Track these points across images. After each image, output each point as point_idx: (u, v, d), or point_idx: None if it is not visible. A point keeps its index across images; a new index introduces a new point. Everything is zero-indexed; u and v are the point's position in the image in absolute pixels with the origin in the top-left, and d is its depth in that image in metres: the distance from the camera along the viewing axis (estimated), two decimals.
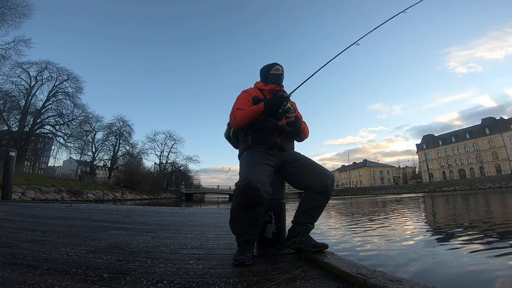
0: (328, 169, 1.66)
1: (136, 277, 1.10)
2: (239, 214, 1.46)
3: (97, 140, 34.85)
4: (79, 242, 1.81)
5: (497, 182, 34.93)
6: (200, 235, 2.35)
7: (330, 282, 1.08)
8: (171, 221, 3.49)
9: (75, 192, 20.41)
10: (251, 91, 1.81)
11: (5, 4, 21.13)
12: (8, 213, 3.49)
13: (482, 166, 52.50)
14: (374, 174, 77.54)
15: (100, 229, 2.49)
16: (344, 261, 1.28)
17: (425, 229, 4.73)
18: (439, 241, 3.44)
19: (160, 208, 7.17)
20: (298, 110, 1.95)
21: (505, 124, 51.97)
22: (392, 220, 6.13)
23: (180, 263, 1.35)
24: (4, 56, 22.92)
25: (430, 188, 41.09)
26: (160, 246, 1.77)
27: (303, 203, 1.63)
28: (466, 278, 1.95)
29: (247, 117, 1.63)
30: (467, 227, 4.52)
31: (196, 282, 1.07)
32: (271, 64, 1.89)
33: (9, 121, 24.86)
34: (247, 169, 1.51)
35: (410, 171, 78.11)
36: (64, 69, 27.43)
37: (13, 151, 6.97)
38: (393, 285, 0.91)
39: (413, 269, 2.21)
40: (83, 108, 29.32)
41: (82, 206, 6.05)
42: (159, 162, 43.87)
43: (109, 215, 3.94)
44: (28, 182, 17.48)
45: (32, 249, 1.51)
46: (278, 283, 1.07)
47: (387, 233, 4.12)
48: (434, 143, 64.93)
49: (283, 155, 1.71)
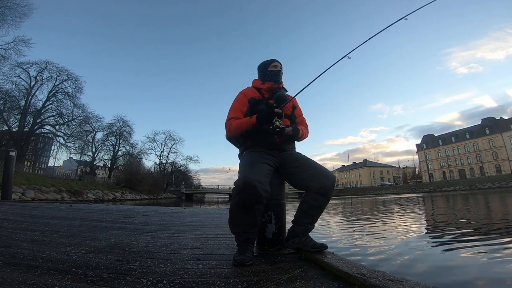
0: (328, 170, 1.66)
1: (136, 277, 1.10)
2: (237, 213, 1.46)
3: (97, 140, 34.91)
4: (79, 242, 1.81)
5: (497, 182, 34.93)
6: (200, 235, 2.35)
7: (330, 282, 1.08)
8: (171, 221, 3.49)
9: (75, 192, 20.41)
10: (248, 92, 1.80)
11: (5, 4, 21.16)
12: (8, 213, 3.49)
13: (482, 166, 52.49)
14: (374, 174, 77.54)
15: (100, 229, 2.49)
16: (344, 261, 1.28)
17: (425, 229, 4.73)
18: (439, 241, 3.44)
19: (160, 208, 7.17)
20: (298, 105, 1.93)
21: (505, 124, 51.97)
22: (392, 220, 6.13)
23: (180, 263, 1.35)
24: (4, 56, 22.96)
25: (430, 188, 41.09)
26: (160, 246, 1.77)
27: (303, 204, 1.62)
28: (466, 278, 1.95)
29: (240, 129, 1.67)
30: (467, 227, 4.52)
31: (196, 282, 1.07)
32: (269, 60, 1.86)
33: (9, 121, 24.86)
34: (245, 168, 1.52)
35: (410, 171, 78.11)
36: (64, 69, 27.49)
37: (13, 151, 6.96)
38: (393, 285, 0.91)
39: (413, 269, 2.21)
40: (83, 108, 29.37)
41: (82, 206, 6.05)
42: (159, 162, 43.92)
43: (109, 215, 3.94)
44: (28, 182, 17.48)
45: (32, 249, 1.51)
46: (278, 283, 1.07)
47: (387, 233, 4.12)
48: (434, 143, 64.93)
49: (284, 155, 1.71)
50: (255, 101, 1.76)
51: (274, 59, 1.86)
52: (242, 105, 1.75)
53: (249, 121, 1.65)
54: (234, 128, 1.68)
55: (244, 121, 1.67)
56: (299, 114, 1.91)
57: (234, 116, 1.72)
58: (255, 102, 1.76)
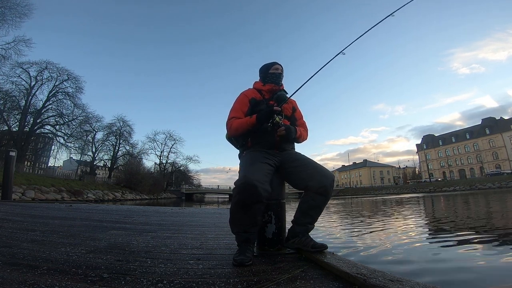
0: (328, 169, 1.66)
1: (136, 277, 1.10)
2: (237, 213, 1.47)
3: (97, 140, 34.89)
4: (79, 242, 1.81)
5: (497, 182, 34.88)
6: (200, 235, 2.35)
7: (330, 282, 1.08)
8: (171, 221, 3.49)
9: (75, 192, 20.42)
10: (248, 93, 1.83)
11: (5, 4, 21.17)
12: (8, 213, 3.49)
13: (482, 166, 52.48)
14: (374, 174, 77.53)
15: (100, 229, 2.49)
16: (344, 261, 1.28)
17: (425, 229, 4.72)
18: (440, 241, 3.44)
19: (160, 208, 7.17)
20: (298, 108, 1.96)
21: (505, 124, 51.97)
22: (392, 220, 6.13)
23: (180, 263, 1.35)
24: (4, 56, 22.97)
25: (430, 188, 41.04)
26: (160, 246, 1.77)
27: (303, 204, 1.63)
28: (467, 278, 1.95)
29: (241, 128, 1.69)
30: (467, 227, 4.52)
31: (196, 282, 1.07)
32: (271, 63, 1.89)
33: (9, 121, 24.86)
34: (245, 168, 1.53)
35: (410, 171, 78.08)
36: (64, 69, 27.49)
37: (13, 151, 6.97)
38: (393, 285, 0.91)
39: (413, 269, 2.20)
40: (83, 108, 29.36)
41: (82, 206, 6.05)
42: (159, 162, 43.93)
43: (109, 215, 3.94)
44: (28, 182, 17.48)
45: (32, 249, 1.51)
46: (278, 283, 1.07)
47: (387, 233, 4.12)
48: (434, 143, 64.93)
49: (283, 155, 1.72)
50: (256, 102, 1.78)
51: (275, 62, 1.90)
52: (243, 105, 1.78)
53: (250, 120, 1.67)
54: (235, 127, 1.71)
55: (244, 121, 1.69)
56: (300, 117, 1.93)
57: (235, 116, 1.74)
58: (256, 102, 1.78)
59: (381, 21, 1.75)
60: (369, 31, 1.75)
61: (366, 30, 1.76)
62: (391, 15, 1.77)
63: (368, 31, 1.76)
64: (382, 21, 1.75)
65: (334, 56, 1.74)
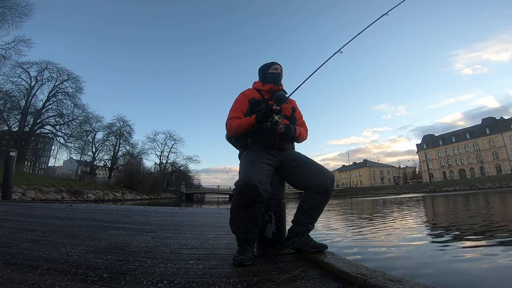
0: (328, 169, 1.66)
1: (136, 277, 1.10)
2: (238, 213, 1.47)
3: (97, 140, 34.97)
4: (79, 242, 1.81)
5: (497, 182, 34.89)
6: (200, 235, 2.35)
7: (330, 282, 1.08)
8: (171, 221, 3.49)
9: (75, 192, 20.43)
10: (248, 93, 1.84)
11: (5, 4, 21.16)
12: (8, 213, 3.49)
13: (482, 166, 52.44)
14: (374, 174, 77.46)
15: (100, 229, 2.49)
16: (344, 261, 1.28)
17: (426, 229, 4.72)
18: (440, 241, 3.44)
19: (160, 208, 7.17)
20: (298, 108, 1.96)
21: (505, 124, 51.91)
22: (392, 220, 6.12)
23: (180, 263, 1.35)
24: (4, 56, 22.97)
25: (430, 188, 41.06)
26: (160, 246, 1.77)
27: (303, 203, 1.63)
28: (467, 278, 1.95)
29: (241, 128, 1.69)
30: (467, 227, 4.51)
31: (196, 282, 1.07)
32: (270, 63, 1.89)
33: (9, 121, 24.87)
34: (246, 168, 1.53)
35: (410, 171, 78.03)
36: (64, 69, 27.52)
37: (13, 151, 6.97)
38: (393, 285, 0.91)
39: (413, 269, 2.20)
40: (83, 108, 29.43)
41: (82, 206, 6.05)
42: (159, 162, 43.93)
43: (109, 215, 3.94)
44: (28, 182, 17.49)
45: (32, 249, 1.51)
46: (278, 283, 1.07)
47: (387, 233, 4.12)
48: (434, 143, 64.86)
49: (283, 155, 1.72)
50: (255, 102, 1.79)
51: (274, 62, 1.90)
52: (242, 105, 1.78)
53: (249, 120, 1.67)
54: (235, 127, 1.71)
55: (244, 121, 1.69)
56: (299, 117, 1.94)
57: (235, 116, 1.75)
58: (255, 102, 1.79)
59: (375, 21, 1.80)
60: (368, 31, 1.80)
61: (362, 29, 1.80)
62: (386, 14, 1.81)
63: (363, 30, 1.80)
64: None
65: (332, 55, 1.76)
